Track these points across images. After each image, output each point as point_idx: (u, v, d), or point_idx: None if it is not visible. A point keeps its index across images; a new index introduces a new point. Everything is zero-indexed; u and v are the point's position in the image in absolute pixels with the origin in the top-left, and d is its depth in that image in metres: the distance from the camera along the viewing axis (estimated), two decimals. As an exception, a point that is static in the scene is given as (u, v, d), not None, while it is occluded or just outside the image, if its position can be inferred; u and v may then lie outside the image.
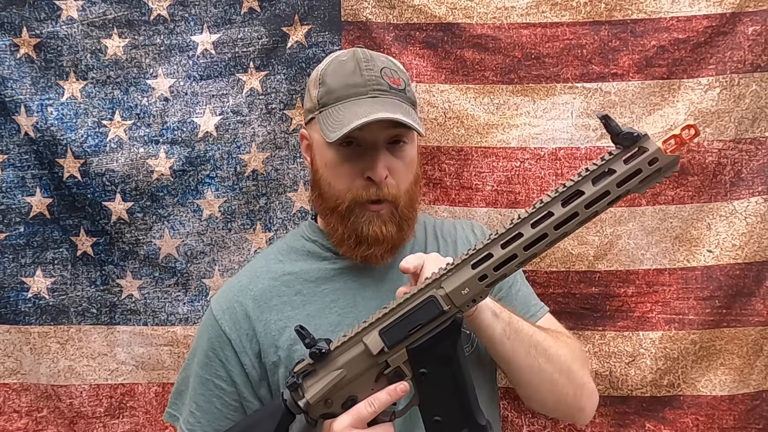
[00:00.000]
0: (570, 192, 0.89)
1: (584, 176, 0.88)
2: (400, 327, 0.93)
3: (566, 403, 1.14)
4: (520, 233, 0.90)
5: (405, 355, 0.93)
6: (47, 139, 1.44)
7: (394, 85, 1.11)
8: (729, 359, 1.43)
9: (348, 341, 0.95)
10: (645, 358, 1.44)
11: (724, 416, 1.42)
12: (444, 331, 0.93)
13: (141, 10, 1.45)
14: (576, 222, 0.89)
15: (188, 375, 1.17)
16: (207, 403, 1.13)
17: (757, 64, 1.41)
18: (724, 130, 1.41)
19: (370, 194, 1.09)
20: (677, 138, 0.86)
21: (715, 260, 1.43)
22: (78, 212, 1.47)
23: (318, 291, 1.15)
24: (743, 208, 1.42)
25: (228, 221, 1.49)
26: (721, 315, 1.43)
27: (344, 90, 1.10)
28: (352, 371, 0.94)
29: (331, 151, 1.10)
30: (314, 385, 0.95)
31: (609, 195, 0.88)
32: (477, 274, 0.91)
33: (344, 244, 1.13)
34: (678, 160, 0.87)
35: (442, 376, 0.94)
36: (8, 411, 1.50)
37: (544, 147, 1.44)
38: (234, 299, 1.15)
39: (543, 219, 0.89)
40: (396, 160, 1.10)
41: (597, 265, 1.45)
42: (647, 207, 1.44)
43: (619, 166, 0.87)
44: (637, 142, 0.87)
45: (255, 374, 1.12)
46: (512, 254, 0.90)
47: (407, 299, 0.93)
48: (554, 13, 1.44)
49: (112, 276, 1.48)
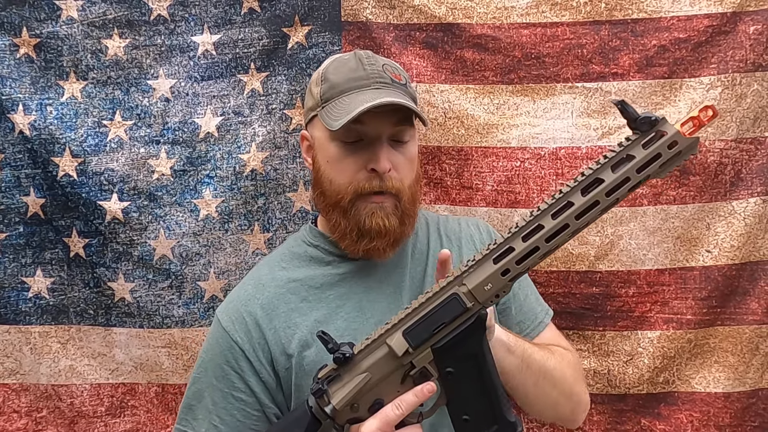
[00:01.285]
0: (589, 180, 0.87)
1: (603, 164, 0.87)
2: (423, 327, 0.91)
3: (563, 418, 1.22)
4: (540, 225, 0.89)
5: (430, 354, 0.92)
6: (44, 138, 1.43)
7: (396, 79, 1.12)
8: (723, 357, 1.43)
9: (371, 344, 0.94)
10: (643, 357, 1.44)
11: (719, 413, 1.43)
12: (469, 329, 0.91)
13: (141, 11, 1.44)
14: (598, 210, 0.87)
15: (201, 389, 1.14)
16: (229, 416, 1.10)
17: (759, 64, 1.40)
18: (725, 130, 1.41)
19: (373, 186, 1.08)
20: (695, 120, 0.84)
21: (713, 260, 1.43)
22: (71, 212, 1.46)
23: (323, 297, 1.14)
24: (742, 209, 1.42)
25: (225, 222, 1.48)
26: (715, 314, 1.44)
27: (348, 83, 1.10)
28: (377, 374, 0.93)
29: (333, 146, 1.10)
30: (339, 390, 0.93)
31: (629, 181, 0.86)
32: (500, 269, 0.90)
33: (346, 239, 1.11)
34: (698, 142, 0.85)
35: (469, 374, 0.93)
36: (8, 411, 1.49)
37: (544, 147, 1.44)
38: (242, 309, 1.14)
39: (563, 209, 0.88)
40: (398, 155, 1.10)
41: (598, 266, 1.45)
42: (649, 207, 1.44)
43: (638, 151, 0.86)
44: (655, 126, 0.85)
45: (271, 381, 1.11)
46: (534, 247, 0.89)
47: (429, 298, 0.92)
48: (554, 13, 1.43)
49: (104, 279, 1.47)
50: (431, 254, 1.18)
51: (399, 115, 1.09)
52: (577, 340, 1.47)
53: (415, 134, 1.15)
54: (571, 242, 1.41)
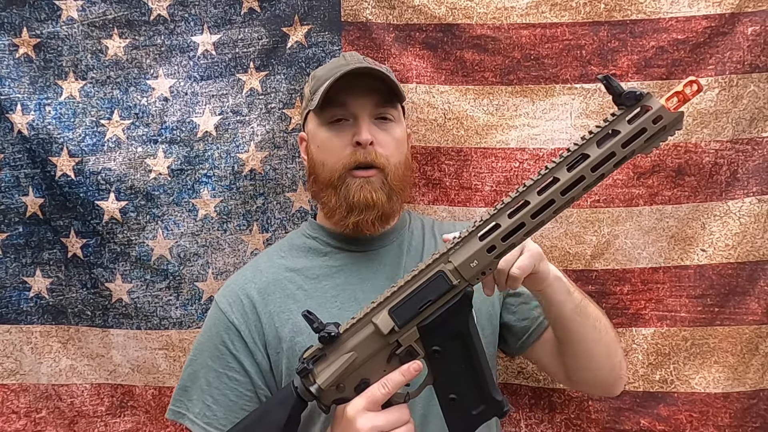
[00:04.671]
0: (575, 156, 0.87)
1: (588, 139, 0.87)
2: (409, 304, 0.91)
3: (616, 370, 1.23)
4: (526, 201, 0.88)
5: (416, 333, 0.92)
6: (42, 138, 1.43)
7: (378, 66, 1.19)
8: (723, 357, 1.43)
9: (357, 323, 0.93)
10: (637, 353, 1.45)
11: (719, 414, 1.43)
12: (455, 306, 0.91)
13: (141, 11, 1.44)
14: (582, 186, 0.87)
15: (196, 370, 1.17)
16: (222, 396, 1.13)
17: (756, 65, 1.41)
18: (721, 131, 1.42)
19: (358, 157, 1.13)
20: (680, 94, 0.85)
21: (708, 259, 1.44)
22: (69, 212, 1.46)
23: (319, 287, 1.17)
24: (737, 208, 1.43)
25: (224, 222, 1.47)
26: (713, 313, 1.44)
27: (329, 72, 1.17)
28: (363, 353, 0.92)
29: (321, 131, 1.18)
30: (325, 369, 0.93)
31: (615, 156, 0.86)
32: (485, 246, 0.90)
33: (336, 214, 1.16)
34: (682, 117, 0.85)
35: (456, 352, 0.92)
36: (7, 412, 1.49)
37: (543, 147, 1.45)
38: (240, 292, 1.17)
39: (549, 185, 0.88)
40: (383, 132, 1.16)
41: (594, 264, 1.46)
42: (644, 207, 1.44)
43: (623, 126, 0.85)
44: (640, 101, 0.85)
45: (265, 364, 1.14)
46: (520, 223, 0.88)
47: (415, 276, 0.92)
48: (554, 14, 1.44)
49: (101, 279, 1.46)
50: (425, 252, 1.22)
51: (381, 96, 1.16)
52: (573, 338, 1.49)
53: (401, 118, 1.22)
54: (567, 241, 1.45)
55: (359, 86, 1.15)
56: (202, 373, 1.16)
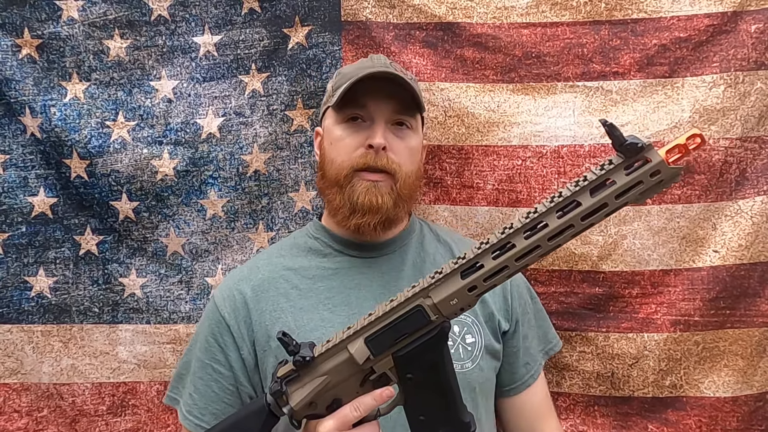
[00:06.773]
0: (566, 202, 0.85)
1: (583, 186, 0.84)
2: (386, 335, 0.91)
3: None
4: (512, 244, 0.86)
5: (391, 361, 0.92)
6: (53, 140, 1.45)
7: (402, 73, 1.19)
8: (733, 360, 1.40)
9: (332, 348, 0.93)
10: (648, 360, 1.42)
11: (727, 418, 1.40)
12: (431, 340, 0.91)
13: (141, 11, 1.46)
14: (570, 234, 0.85)
15: (189, 360, 1.20)
16: (205, 387, 1.15)
17: (761, 62, 1.39)
18: (730, 128, 1.40)
19: (368, 160, 1.12)
20: (681, 148, 0.81)
21: (721, 260, 1.40)
22: (85, 211, 1.48)
23: (314, 288, 1.17)
24: (749, 208, 1.40)
25: (231, 221, 1.50)
26: (725, 316, 1.41)
27: (355, 71, 1.16)
28: (336, 377, 0.93)
29: (337, 128, 1.17)
30: (298, 391, 0.93)
31: (606, 207, 0.84)
32: (466, 285, 0.88)
33: (339, 213, 1.15)
34: (680, 172, 0.83)
35: (428, 380, 0.92)
36: (8, 411, 1.50)
37: (546, 145, 1.43)
38: (234, 287, 1.18)
39: (537, 230, 0.85)
40: (398, 140, 1.15)
41: (601, 266, 1.43)
42: (653, 206, 1.42)
43: (620, 177, 0.83)
44: (640, 152, 0.82)
45: (251, 360, 1.14)
46: (503, 265, 0.87)
47: (394, 308, 0.91)
48: (554, 13, 1.43)
49: (115, 275, 1.49)
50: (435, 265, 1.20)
51: (401, 103, 1.15)
52: (579, 341, 1.44)
53: (419, 128, 1.20)
54: (573, 241, 1.41)
55: (381, 90, 1.14)
56: (193, 363, 1.19)
